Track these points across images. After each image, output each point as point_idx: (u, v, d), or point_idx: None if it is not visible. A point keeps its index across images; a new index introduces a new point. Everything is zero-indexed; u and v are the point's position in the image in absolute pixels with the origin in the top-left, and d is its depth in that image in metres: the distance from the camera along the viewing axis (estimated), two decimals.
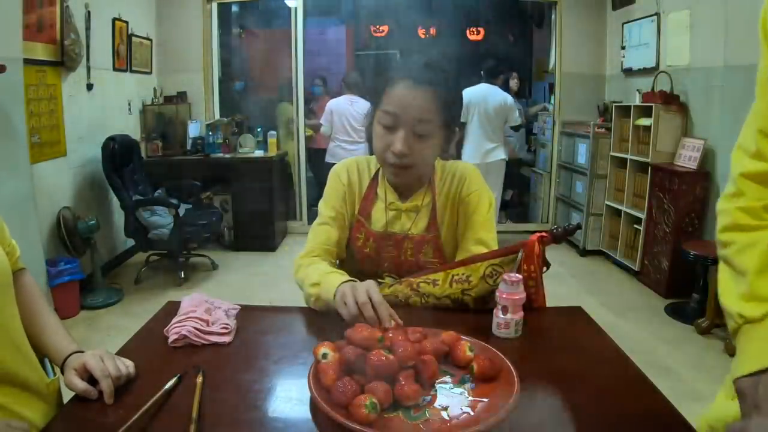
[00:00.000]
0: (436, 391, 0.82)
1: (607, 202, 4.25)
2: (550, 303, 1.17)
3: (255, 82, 6.48)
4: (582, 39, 4.82)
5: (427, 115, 1.11)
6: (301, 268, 1.23)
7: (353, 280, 1.08)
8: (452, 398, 0.80)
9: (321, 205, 1.32)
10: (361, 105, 4.34)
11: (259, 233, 4.50)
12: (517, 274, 1.05)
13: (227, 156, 4.56)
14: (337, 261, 1.33)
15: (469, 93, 4.11)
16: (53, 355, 0.89)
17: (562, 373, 0.91)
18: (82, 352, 0.88)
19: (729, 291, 0.74)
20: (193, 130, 4.67)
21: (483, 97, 4.14)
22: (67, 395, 0.86)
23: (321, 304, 1.12)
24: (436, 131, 1.14)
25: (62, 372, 0.87)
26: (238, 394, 0.84)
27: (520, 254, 1.11)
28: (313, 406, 0.78)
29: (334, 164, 1.37)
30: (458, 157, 1.30)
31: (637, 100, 3.93)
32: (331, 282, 1.08)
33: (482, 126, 4.14)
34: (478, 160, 4.12)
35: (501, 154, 4.26)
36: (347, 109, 4.43)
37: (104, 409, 0.79)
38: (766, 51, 0.75)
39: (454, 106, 1.18)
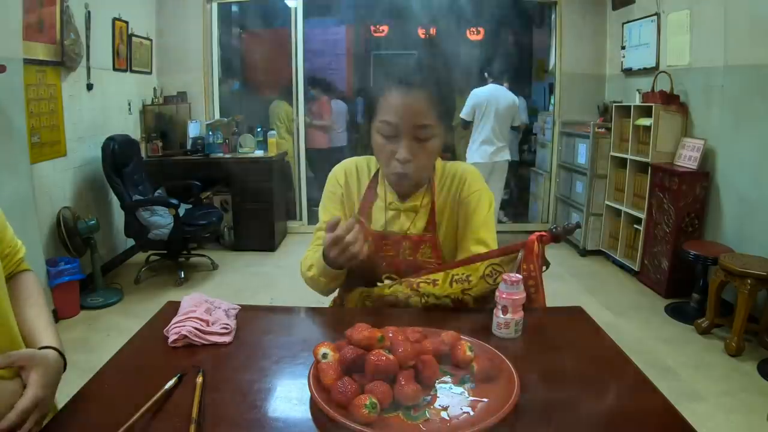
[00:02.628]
0: (436, 391, 0.82)
1: (607, 202, 4.25)
2: (550, 303, 1.17)
3: (255, 82, 6.48)
4: (582, 39, 4.82)
5: (426, 120, 1.12)
6: (302, 265, 1.28)
7: None
8: (452, 398, 0.80)
9: (319, 208, 1.35)
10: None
11: (259, 233, 4.50)
12: (517, 274, 1.05)
13: (227, 156, 4.56)
14: None
15: (482, 93, 4.19)
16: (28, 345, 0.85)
17: (562, 373, 0.91)
18: (58, 351, 0.82)
19: None
20: (193, 130, 4.67)
21: (495, 97, 4.19)
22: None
23: (324, 276, 1.18)
24: (435, 133, 1.15)
25: None
26: (238, 394, 0.84)
27: (519, 254, 1.11)
28: (313, 406, 0.78)
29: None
30: (464, 157, 1.32)
31: (637, 100, 3.93)
32: (319, 253, 1.17)
33: (493, 126, 4.20)
34: (487, 159, 4.19)
35: (507, 155, 4.33)
36: (343, 108, 5.87)
37: (104, 409, 0.79)
38: None
39: (449, 103, 1.19)
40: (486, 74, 4.34)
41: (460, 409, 0.77)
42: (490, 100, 4.17)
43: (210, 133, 4.58)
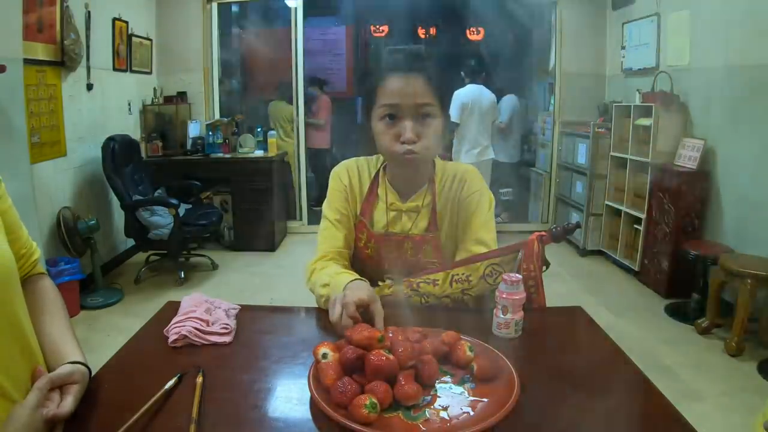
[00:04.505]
0: (436, 391, 0.82)
1: (607, 202, 4.25)
2: (550, 303, 1.17)
3: (255, 82, 6.48)
4: (582, 39, 4.82)
5: (426, 98, 1.14)
6: (314, 273, 1.23)
7: (362, 280, 1.09)
8: (452, 398, 0.80)
9: (324, 207, 1.32)
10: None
11: (259, 233, 4.49)
12: (517, 274, 1.05)
13: (227, 156, 4.56)
14: (350, 263, 1.32)
15: (465, 94, 4.20)
16: (50, 364, 0.83)
17: (562, 373, 0.91)
18: (85, 366, 0.82)
19: None
20: (193, 130, 4.67)
21: (478, 97, 4.22)
22: None
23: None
24: (437, 113, 1.16)
25: None
26: (238, 394, 0.84)
27: (519, 254, 1.11)
28: (313, 406, 0.78)
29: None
30: (450, 157, 1.32)
31: (637, 100, 3.93)
32: (341, 282, 1.09)
33: (478, 126, 4.24)
34: (473, 159, 4.22)
35: (491, 153, 4.38)
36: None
37: (104, 409, 0.79)
38: None
39: (445, 90, 1.20)
40: (462, 74, 4.35)
41: (460, 409, 0.77)
42: (474, 100, 4.18)
43: (210, 133, 4.58)
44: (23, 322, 0.82)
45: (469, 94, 4.20)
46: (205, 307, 1.05)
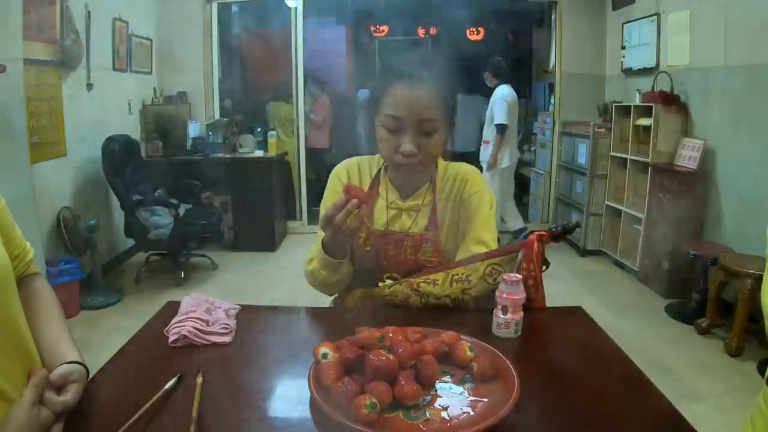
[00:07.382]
0: (436, 391, 0.82)
1: (607, 202, 4.25)
2: (550, 303, 1.17)
3: (255, 81, 6.48)
4: (582, 39, 4.82)
5: (430, 113, 1.13)
6: (303, 262, 1.25)
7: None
8: (452, 398, 0.80)
9: (321, 206, 1.32)
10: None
11: (259, 233, 4.50)
12: (517, 274, 1.05)
13: (227, 156, 4.56)
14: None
15: (507, 94, 4.27)
16: (47, 365, 0.82)
17: (562, 373, 0.91)
18: (83, 365, 0.82)
19: None
20: (193, 130, 4.67)
21: (515, 99, 4.35)
22: None
23: (324, 269, 1.17)
24: (439, 127, 1.16)
25: None
26: (238, 394, 0.84)
27: (519, 254, 1.11)
28: (313, 406, 0.78)
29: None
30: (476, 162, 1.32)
31: (637, 100, 3.93)
32: (317, 242, 1.17)
33: (513, 127, 4.37)
34: (514, 161, 4.44)
35: (518, 153, 4.58)
36: None
37: (104, 409, 0.79)
38: None
39: (451, 99, 1.20)
40: (492, 76, 4.37)
41: (460, 409, 0.77)
42: (514, 102, 4.31)
43: (210, 133, 4.58)
44: (20, 323, 0.81)
45: (510, 94, 4.28)
46: (205, 307, 1.05)
